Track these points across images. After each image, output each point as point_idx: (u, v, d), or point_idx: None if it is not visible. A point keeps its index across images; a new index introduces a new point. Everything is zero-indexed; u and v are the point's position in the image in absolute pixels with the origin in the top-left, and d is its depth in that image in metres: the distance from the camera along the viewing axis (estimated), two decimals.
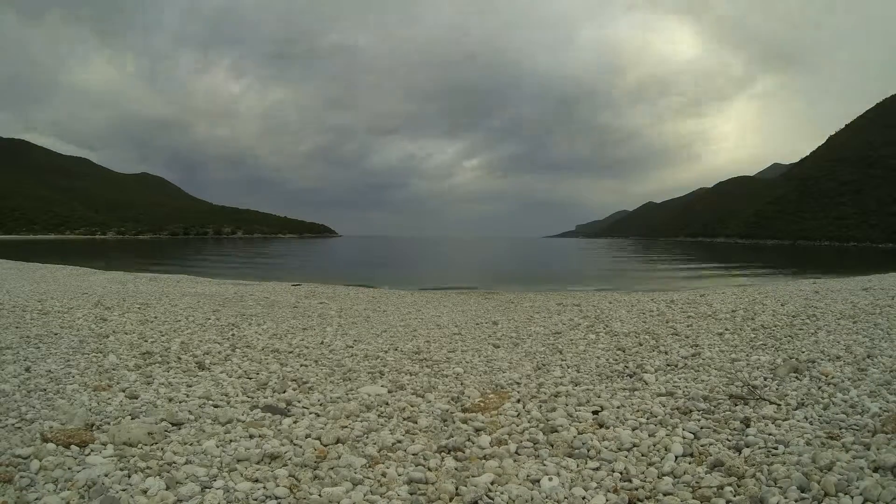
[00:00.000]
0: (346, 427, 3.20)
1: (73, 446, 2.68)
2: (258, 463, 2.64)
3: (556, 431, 3.13)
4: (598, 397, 3.83)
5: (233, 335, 6.40)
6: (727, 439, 2.91)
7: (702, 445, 2.84)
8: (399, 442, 3.02)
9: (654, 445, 2.88)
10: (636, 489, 2.41)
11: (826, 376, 3.94)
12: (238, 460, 2.64)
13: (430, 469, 2.65)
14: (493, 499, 2.34)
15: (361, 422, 3.33)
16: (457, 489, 2.41)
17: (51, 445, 2.67)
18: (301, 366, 4.95)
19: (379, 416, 3.50)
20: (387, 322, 8.11)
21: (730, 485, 2.36)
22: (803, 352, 4.87)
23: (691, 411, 3.39)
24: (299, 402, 3.75)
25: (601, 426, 3.23)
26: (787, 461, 2.51)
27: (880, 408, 3.15)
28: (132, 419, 3.19)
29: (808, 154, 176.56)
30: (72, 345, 5.34)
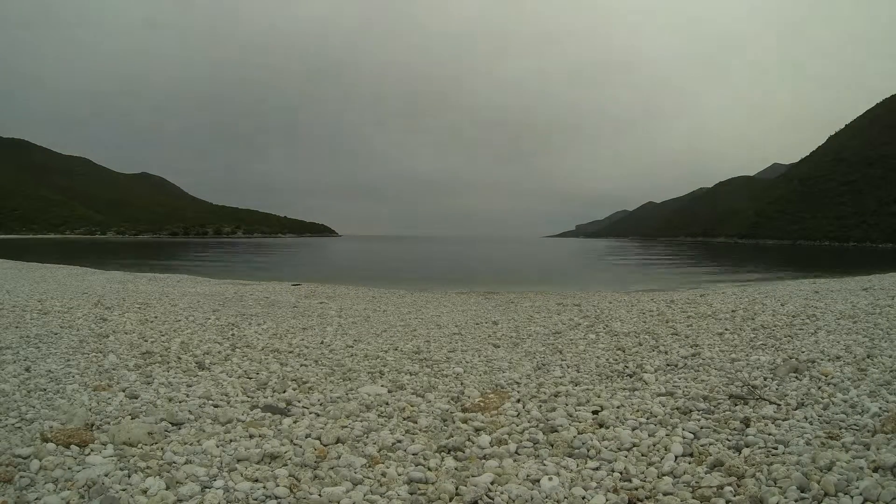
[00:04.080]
0: (346, 427, 3.20)
1: (73, 446, 2.68)
2: (258, 463, 2.64)
3: (556, 431, 3.13)
4: (598, 397, 3.83)
5: (233, 335, 6.40)
6: (727, 439, 2.91)
7: (702, 445, 2.84)
8: (399, 442, 3.02)
9: (654, 445, 2.88)
10: (636, 489, 2.41)
11: (826, 376, 3.95)
12: (238, 460, 2.64)
13: (430, 469, 2.66)
14: (493, 499, 2.34)
15: (361, 422, 3.33)
16: (457, 489, 2.41)
17: (51, 445, 2.67)
18: (301, 366, 4.95)
19: (379, 415, 3.50)
20: (387, 322, 8.11)
21: (730, 485, 2.36)
22: (803, 352, 4.87)
23: (691, 411, 3.39)
24: (299, 401, 3.75)
25: (601, 426, 3.23)
26: (787, 461, 2.51)
27: (880, 408, 3.15)
28: (132, 419, 3.19)
29: (808, 154, 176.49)
30: (72, 345, 5.34)
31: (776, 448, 2.70)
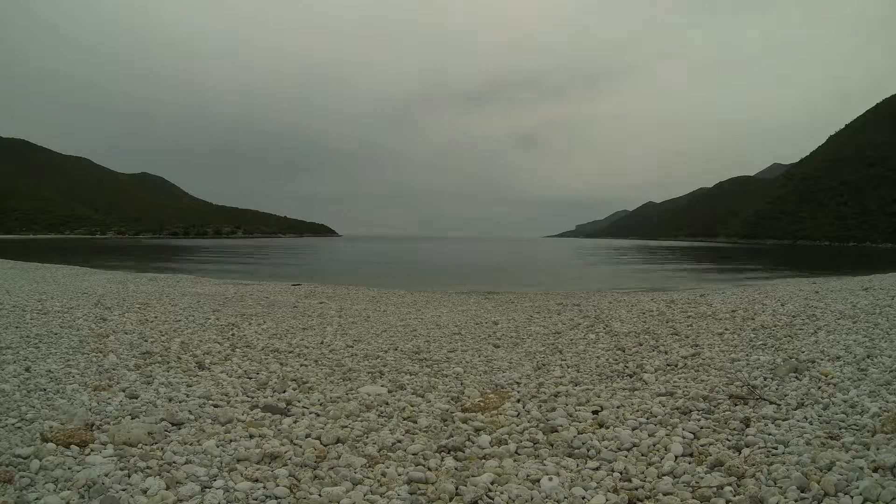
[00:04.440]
0: (346, 427, 3.20)
1: (73, 446, 2.68)
2: (258, 463, 2.64)
3: (556, 431, 3.14)
4: (598, 397, 3.83)
5: (233, 335, 6.40)
6: (727, 439, 2.91)
7: (702, 445, 2.84)
8: (399, 442, 3.02)
9: (654, 445, 2.88)
10: (636, 489, 2.41)
11: (826, 376, 3.95)
12: (238, 460, 2.64)
13: (429, 469, 2.66)
14: (493, 499, 2.34)
15: (361, 422, 3.33)
16: (457, 489, 2.41)
17: (51, 445, 2.67)
18: (301, 366, 4.95)
19: (379, 415, 3.50)
20: (387, 322, 8.11)
21: (729, 485, 2.36)
22: (803, 352, 4.87)
23: (691, 411, 3.39)
24: (299, 401, 3.75)
25: (601, 426, 3.23)
26: (787, 461, 2.51)
27: (880, 408, 3.15)
28: (132, 419, 3.19)
29: (808, 154, 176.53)
30: (72, 345, 5.34)
31: (776, 448, 2.70)
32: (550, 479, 2.46)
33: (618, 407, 3.57)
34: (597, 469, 2.64)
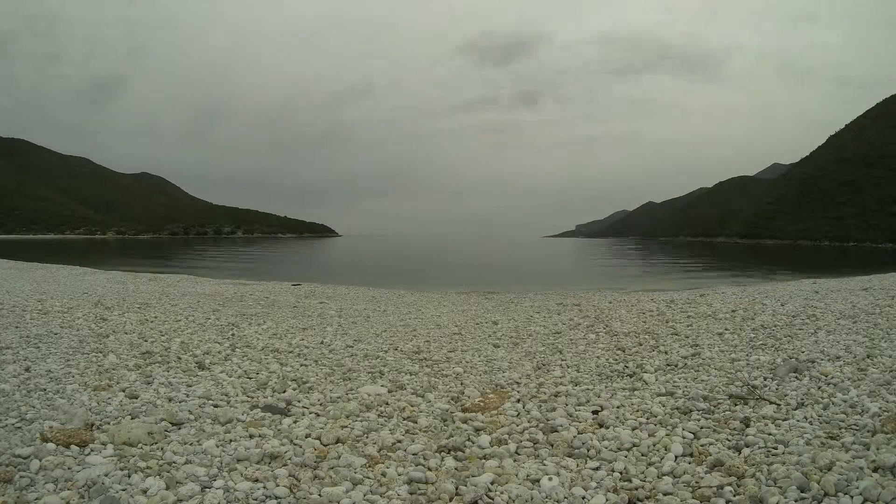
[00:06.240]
0: (346, 427, 3.20)
1: (73, 446, 2.68)
2: (258, 463, 2.64)
3: (556, 431, 3.13)
4: (598, 397, 3.83)
5: (233, 335, 6.40)
6: (727, 439, 2.91)
7: (701, 445, 2.84)
8: (399, 442, 3.02)
9: (654, 445, 2.88)
10: (636, 489, 2.41)
11: (826, 376, 3.95)
12: (238, 460, 2.64)
13: (429, 469, 2.66)
14: (493, 499, 2.34)
15: (361, 421, 3.33)
16: (457, 489, 2.41)
17: (51, 445, 2.67)
18: (301, 365, 4.95)
19: (379, 415, 3.50)
20: (387, 322, 8.11)
21: (729, 485, 2.36)
22: (803, 352, 4.87)
23: (691, 411, 3.39)
24: (299, 401, 3.75)
25: (601, 426, 3.23)
26: (787, 461, 2.51)
27: (880, 408, 3.15)
28: (132, 419, 3.19)
29: (808, 154, 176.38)
30: (72, 345, 5.34)
31: (776, 448, 2.70)
32: (550, 479, 2.46)
33: (618, 407, 3.56)
34: (597, 469, 2.64)
